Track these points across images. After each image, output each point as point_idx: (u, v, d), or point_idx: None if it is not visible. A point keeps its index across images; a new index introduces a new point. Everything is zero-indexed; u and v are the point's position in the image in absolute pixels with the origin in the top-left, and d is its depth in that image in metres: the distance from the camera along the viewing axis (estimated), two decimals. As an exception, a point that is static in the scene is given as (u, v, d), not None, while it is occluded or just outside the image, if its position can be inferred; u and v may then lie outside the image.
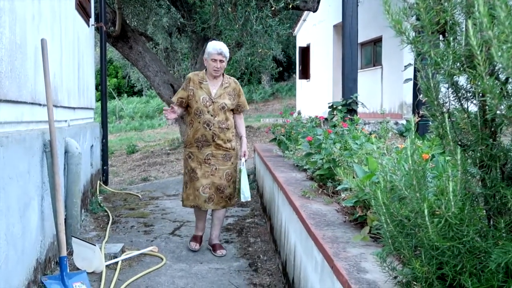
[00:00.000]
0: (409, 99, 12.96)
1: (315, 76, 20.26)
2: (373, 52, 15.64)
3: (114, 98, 29.77)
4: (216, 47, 4.93)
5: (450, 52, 1.77)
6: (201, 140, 4.97)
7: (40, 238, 3.92)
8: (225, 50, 4.97)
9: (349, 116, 6.48)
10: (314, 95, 19.70)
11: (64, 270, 3.82)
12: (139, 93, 32.45)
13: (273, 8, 10.51)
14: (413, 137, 1.78)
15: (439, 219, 1.70)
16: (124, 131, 23.37)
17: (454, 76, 1.90)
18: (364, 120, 8.34)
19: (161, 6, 13.58)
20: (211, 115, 4.94)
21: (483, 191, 1.87)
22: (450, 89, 2.01)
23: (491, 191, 1.86)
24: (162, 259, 4.90)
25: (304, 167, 5.39)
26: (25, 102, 3.78)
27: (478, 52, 1.44)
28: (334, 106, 7.90)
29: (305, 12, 19.00)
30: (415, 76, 5.88)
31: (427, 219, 1.66)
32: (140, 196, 7.94)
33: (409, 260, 1.87)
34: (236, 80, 5.23)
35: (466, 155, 1.90)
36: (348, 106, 7.73)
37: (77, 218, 4.61)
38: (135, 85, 29.93)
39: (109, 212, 6.62)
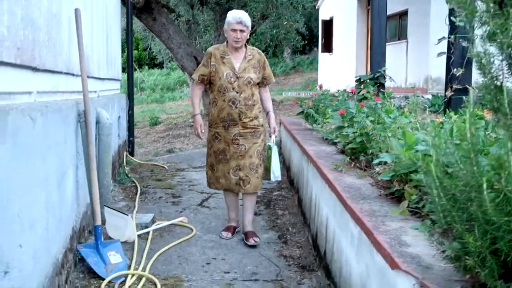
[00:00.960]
0: (435, 74, 12.80)
1: (337, 49, 20.04)
2: (398, 26, 15.42)
3: (135, 70, 29.82)
4: (235, 16, 4.58)
5: (511, 23, 1.72)
6: (227, 120, 4.63)
7: (75, 207, 3.96)
8: (246, 18, 4.60)
9: (380, 90, 6.42)
10: (337, 69, 19.52)
11: (98, 239, 3.87)
12: (160, 65, 32.41)
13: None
14: (472, 110, 1.74)
15: (497, 193, 1.68)
16: (145, 103, 23.42)
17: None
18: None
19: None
20: (237, 92, 4.59)
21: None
22: (504, 61, 1.96)
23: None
24: (192, 229, 4.95)
25: (334, 141, 5.35)
26: (60, 72, 3.78)
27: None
28: (362, 80, 7.81)
29: (329, -16, 18.73)
30: (448, 49, 5.78)
31: (485, 193, 1.63)
32: (166, 167, 7.99)
33: (462, 234, 1.85)
34: (260, 51, 4.88)
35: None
36: (376, 80, 7.63)
37: (108, 188, 4.65)
38: (156, 57, 29.89)
39: (137, 182, 6.68)
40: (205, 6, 15.91)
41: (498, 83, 1.95)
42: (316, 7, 22.57)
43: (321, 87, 7.67)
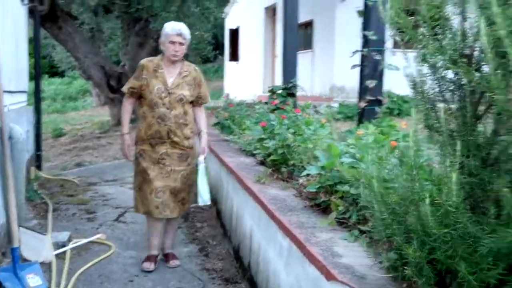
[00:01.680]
0: (339, 83, 13.26)
1: (244, 58, 20.27)
2: (304, 36, 15.83)
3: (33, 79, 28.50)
4: (175, 28, 4.28)
5: (447, 47, 1.83)
6: (155, 137, 4.30)
7: (-11, 228, 3.74)
8: (186, 31, 4.33)
9: (294, 100, 6.57)
10: (244, 78, 19.72)
11: (16, 262, 3.67)
12: (61, 74, 31.22)
13: (210, -9, 10.44)
14: (414, 129, 1.83)
15: (437, 207, 1.77)
16: (46, 114, 22.46)
17: (444, 69, 1.97)
18: (298, 104, 8.47)
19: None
20: (167, 108, 4.29)
21: (467, 181, 1.96)
22: (435, 81, 2.08)
23: (476, 179, 1.96)
24: (110, 246, 4.81)
25: (253, 152, 5.41)
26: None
27: (489, 49, 1.50)
28: (274, 90, 7.96)
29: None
30: (361, 61, 6.03)
31: (427, 207, 1.72)
32: (77, 182, 7.71)
33: (401, 245, 1.94)
34: (196, 68, 4.60)
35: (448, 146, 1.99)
36: (288, 90, 7.81)
37: (22, 206, 4.43)
38: (57, 65, 28.74)
39: (47, 199, 6.40)
40: (110, 14, 15.57)
41: (435, 102, 2.07)
42: (223, 15, 22.72)
43: (227, 96, 7.72)
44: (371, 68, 5.73)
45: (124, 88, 4.46)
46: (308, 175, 3.86)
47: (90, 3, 14.65)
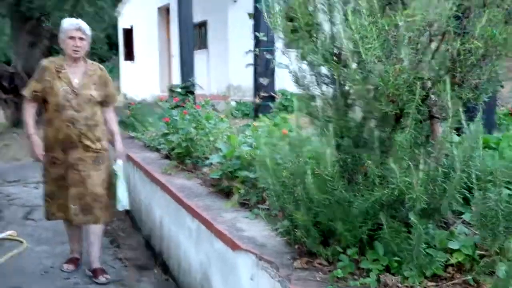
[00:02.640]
0: (236, 82, 13.73)
1: (140, 58, 20.29)
2: (199, 35, 16.16)
3: None
4: (72, 22, 4.02)
5: (319, 48, 2.27)
6: (66, 142, 4.03)
7: None
8: (85, 26, 4.07)
9: (193, 98, 6.92)
10: (140, 77, 19.75)
11: None
12: None
13: (104, -10, 10.52)
14: (298, 115, 2.26)
15: (317, 178, 2.21)
16: None
17: (318, 66, 2.42)
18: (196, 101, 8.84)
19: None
20: (75, 111, 4.01)
21: (341, 156, 2.43)
22: (314, 76, 2.53)
23: (348, 156, 2.43)
24: (22, 242, 4.92)
25: (157, 147, 5.70)
26: None
27: (348, 50, 1.95)
28: (173, 89, 8.27)
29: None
30: (255, 61, 6.49)
31: (310, 178, 2.16)
32: (-24, 184, 7.59)
33: (292, 212, 2.37)
34: (102, 67, 4.36)
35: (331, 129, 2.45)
36: (187, 88, 8.14)
37: None
38: None
39: None
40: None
41: (310, 93, 2.52)
42: (116, 14, 22.52)
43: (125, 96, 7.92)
44: (263, 67, 6.22)
45: (26, 92, 4.11)
46: (211, 164, 4.25)
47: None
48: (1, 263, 4.44)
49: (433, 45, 2.02)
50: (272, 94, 6.37)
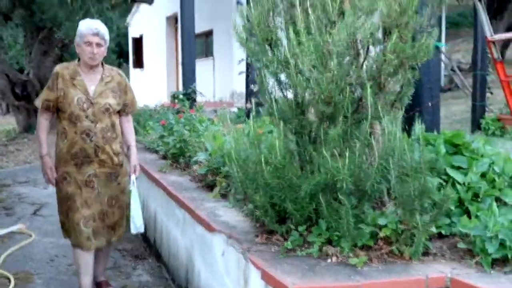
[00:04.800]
0: (239, 89, 14.23)
1: (148, 65, 20.91)
2: (205, 44, 16.71)
3: None
4: (90, 26, 3.62)
5: (275, 59, 2.75)
6: (80, 156, 3.66)
7: None
8: (104, 30, 3.69)
9: (193, 104, 7.42)
10: (149, 84, 20.34)
11: None
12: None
13: (112, 1, 11.08)
14: (253, 116, 2.74)
15: (271, 166, 2.69)
16: None
17: (278, 74, 2.90)
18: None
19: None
20: (92, 122, 3.65)
21: (297, 149, 2.91)
22: (275, 82, 3.01)
23: (302, 149, 2.90)
24: (31, 235, 5.42)
25: (156, 149, 6.19)
26: None
27: (291, 60, 2.43)
28: (176, 96, 8.76)
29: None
30: (247, 69, 6.98)
31: (263, 165, 2.64)
32: (-11, 184, 8.13)
33: (252, 196, 2.85)
34: (120, 72, 3.97)
35: (286, 127, 2.92)
36: (188, 96, 8.63)
37: None
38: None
39: (-37, 199, 6.85)
40: (9, 21, 15.66)
41: (272, 97, 2.99)
42: (125, 24, 23.18)
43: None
44: (254, 74, 6.70)
45: (38, 102, 3.79)
46: (200, 162, 4.74)
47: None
48: (13, 251, 4.94)
49: (361, 58, 2.50)
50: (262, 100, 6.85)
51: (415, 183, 2.42)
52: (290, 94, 2.90)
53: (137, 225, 3.82)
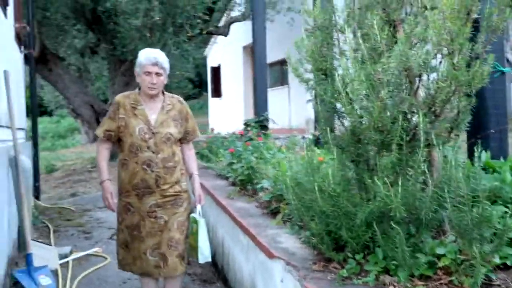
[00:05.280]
0: (313, 116, 14.29)
1: (226, 94, 21.37)
2: (280, 72, 16.91)
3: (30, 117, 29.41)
4: (149, 56, 3.62)
5: (329, 88, 2.79)
6: (141, 187, 3.63)
7: (9, 239, 4.61)
8: (163, 59, 3.67)
9: (263, 132, 7.54)
10: (226, 113, 20.76)
11: (30, 265, 4.52)
12: (49, 113, 32.19)
13: (188, 34, 11.50)
14: (310, 144, 2.78)
15: (324, 193, 2.71)
16: (37, 151, 23.30)
17: (333, 103, 2.93)
18: (275, 135, 9.43)
19: (79, 31, 14.12)
20: (153, 152, 3.62)
21: (354, 177, 2.92)
22: (331, 111, 3.04)
23: (359, 177, 2.90)
24: (106, 258, 5.66)
25: (226, 176, 6.33)
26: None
27: (342, 90, 2.47)
28: (248, 123, 8.90)
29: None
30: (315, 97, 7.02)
31: (317, 193, 2.66)
32: (73, 209, 8.55)
33: (308, 223, 2.87)
34: (181, 99, 3.92)
35: (343, 154, 2.94)
36: (260, 123, 8.75)
37: (29, 224, 5.29)
38: (46, 105, 29.73)
39: (48, 223, 7.24)
40: (95, 55, 16.59)
41: (328, 125, 3.03)
42: (204, 54, 23.89)
43: (213, 130, 8.67)
44: (321, 102, 6.73)
45: (98, 132, 3.76)
46: (266, 188, 4.81)
47: (77, 46, 15.69)
48: (88, 273, 5.19)
49: (415, 85, 2.49)
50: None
51: (472, 212, 2.36)
52: (347, 122, 2.92)
53: (204, 254, 3.81)
